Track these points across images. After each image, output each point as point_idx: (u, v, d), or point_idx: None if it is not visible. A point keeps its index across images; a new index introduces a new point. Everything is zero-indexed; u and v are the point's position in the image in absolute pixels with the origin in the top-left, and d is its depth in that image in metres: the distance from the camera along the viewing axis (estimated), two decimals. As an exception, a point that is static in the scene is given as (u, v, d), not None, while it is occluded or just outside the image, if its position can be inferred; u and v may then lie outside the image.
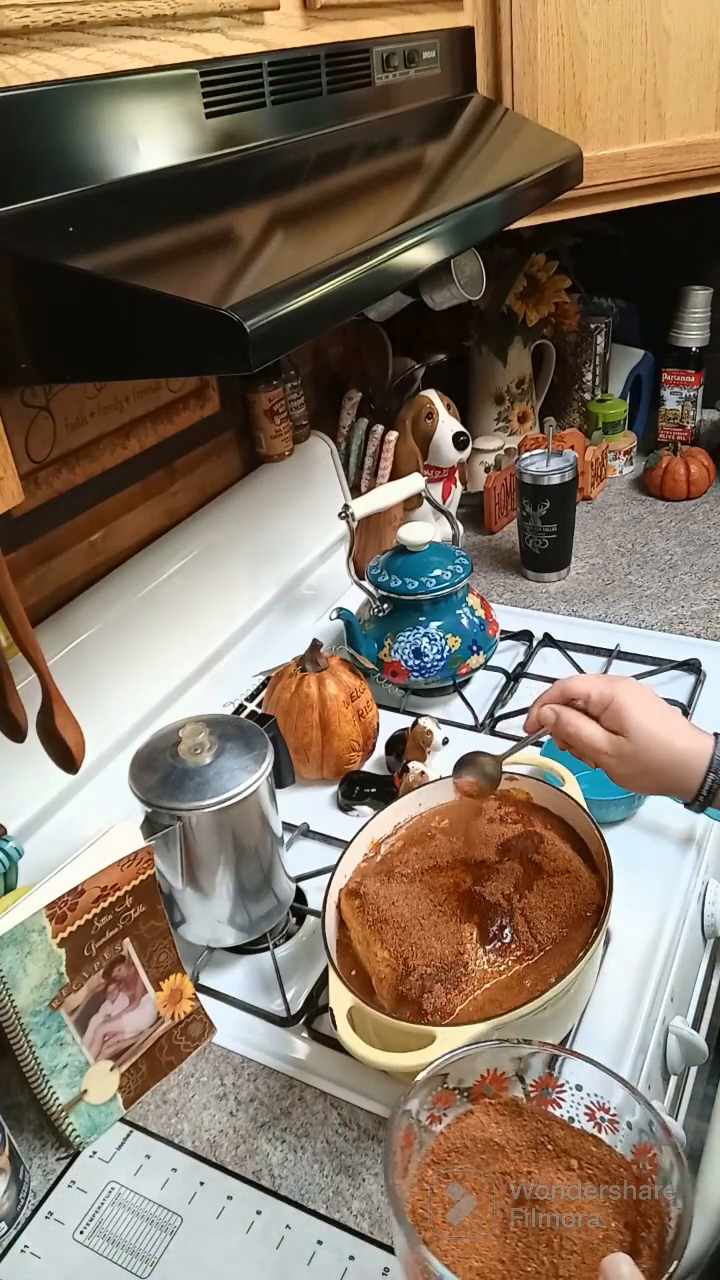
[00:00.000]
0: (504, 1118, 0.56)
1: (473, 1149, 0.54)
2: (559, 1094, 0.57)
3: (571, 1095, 0.57)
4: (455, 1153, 0.54)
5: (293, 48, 0.77)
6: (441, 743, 1.02)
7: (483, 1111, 0.56)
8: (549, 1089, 0.57)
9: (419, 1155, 0.54)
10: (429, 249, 0.72)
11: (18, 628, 0.71)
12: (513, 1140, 0.55)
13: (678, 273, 1.62)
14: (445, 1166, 0.54)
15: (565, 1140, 0.54)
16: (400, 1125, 0.52)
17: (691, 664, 1.19)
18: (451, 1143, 0.55)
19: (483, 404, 1.66)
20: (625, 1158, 0.53)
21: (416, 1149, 0.54)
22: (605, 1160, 0.53)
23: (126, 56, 0.62)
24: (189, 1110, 0.79)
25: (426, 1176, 0.53)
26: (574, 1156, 0.54)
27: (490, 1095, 0.57)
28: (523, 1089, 0.58)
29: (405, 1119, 0.53)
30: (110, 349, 0.57)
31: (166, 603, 1.11)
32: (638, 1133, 0.53)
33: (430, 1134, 0.55)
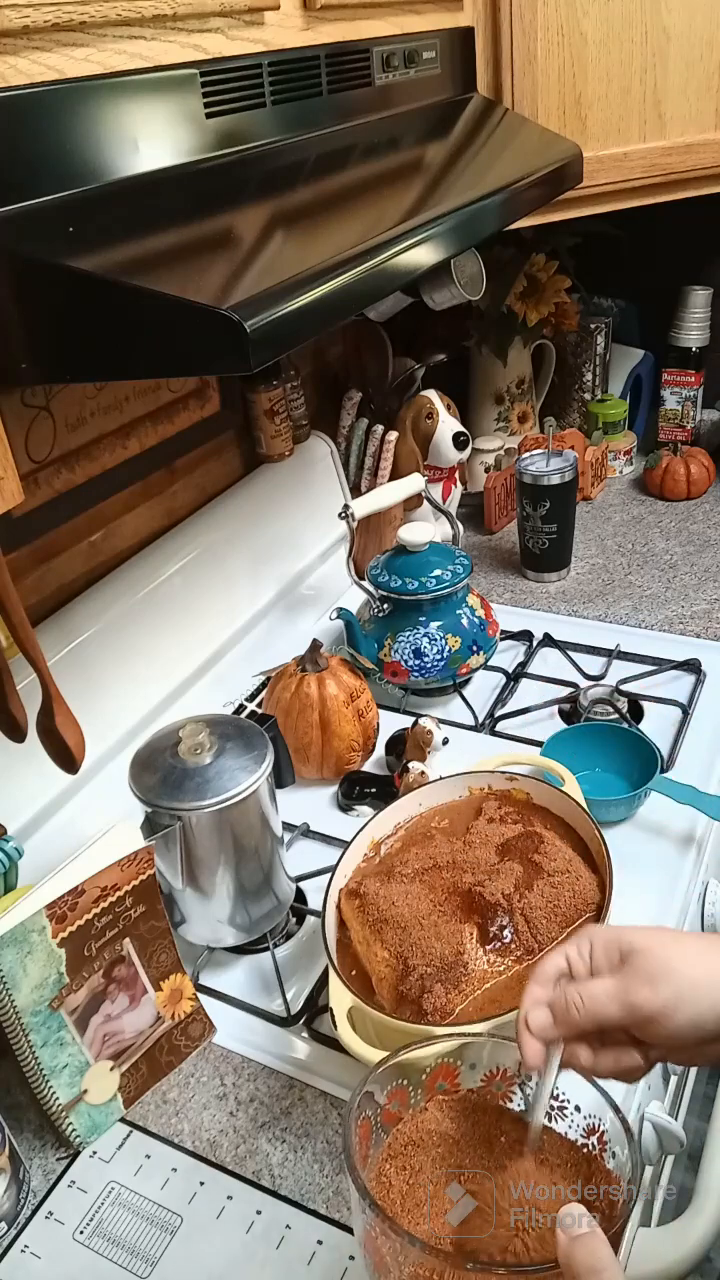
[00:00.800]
0: (457, 1113, 0.57)
1: (428, 1143, 0.55)
2: (509, 1086, 0.57)
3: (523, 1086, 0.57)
4: (412, 1146, 0.55)
5: (293, 48, 0.77)
6: (441, 743, 1.02)
7: (436, 1108, 0.57)
8: (499, 1082, 0.58)
9: (376, 1151, 0.55)
10: (429, 249, 0.72)
11: (18, 628, 0.71)
12: (467, 1134, 0.56)
13: (678, 273, 1.62)
14: (403, 1159, 0.54)
15: (516, 1132, 0.55)
16: (358, 1117, 0.53)
17: (691, 664, 1.19)
18: (408, 1137, 0.56)
19: (483, 404, 1.66)
20: (576, 1141, 0.54)
21: (374, 1145, 0.55)
22: (557, 1146, 0.54)
23: (126, 56, 0.62)
24: (189, 1110, 0.79)
25: (384, 1170, 0.54)
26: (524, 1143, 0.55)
27: (443, 1092, 0.58)
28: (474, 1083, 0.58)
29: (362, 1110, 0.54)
30: (110, 349, 0.57)
31: (166, 603, 1.11)
32: (585, 1115, 0.54)
33: (386, 1131, 0.56)
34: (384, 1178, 0.53)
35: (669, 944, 0.52)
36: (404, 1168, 0.54)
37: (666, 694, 1.16)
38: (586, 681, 1.19)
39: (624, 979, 0.52)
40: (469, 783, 0.90)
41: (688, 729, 1.10)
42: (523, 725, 1.14)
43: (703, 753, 1.07)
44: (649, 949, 0.52)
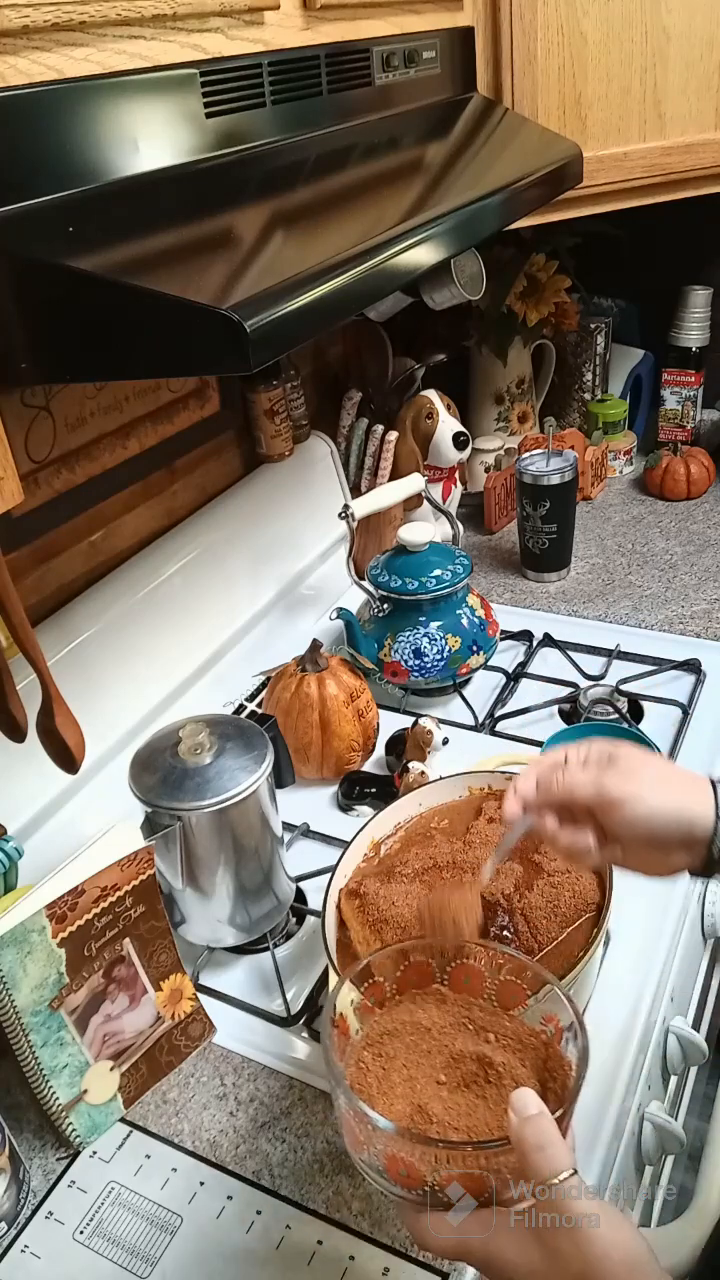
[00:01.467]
0: (429, 1003, 0.63)
1: (403, 1031, 0.61)
2: (478, 981, 0.64)
3: (490, 979, 0.63)
4: (387, 1035, 0.60)
5: (293, 48, 0.77)
6: (441, 743, 1.02)
7: (409, 1000, 0.63)
8: (466, 978, 0.64)
9: (355, 1041, 0.60)
10: (429, 249, 0.72)
11: (18, 628, 0.71)
12: (438, 1022, 0.61)
13: (678, 273, 1.62)
14: (379, 1047, 0.60)
15: (484, 1019, 0.61)
16: (333, 1010, 0.59)
17: (691, 664, 1.19)
18: (384, 1026, 0.61)
19: (483, 404, 1.66)
20: (534, 1027, 0.59)
21: (353, 1036, 0.60)
22: (518, 1032, 0.59)
23: (126, 56, 0.62)
24: (189, 1110, 0.79)
25: (362, 1057, 0.59)
26: (491, 1031, 0.60)
27: (415, 986, 0.64)
28: (442, 979, 0.64)
29: (338, 1005, 0.60)
30: (110, 349, 0.57)
31: (166, 603, 1.11)
32: (544, 1002, 0.60)
33: (364, 1022, 0.61)
34: (362, 1063, 0.58)
35: (645, 758, 0.63)
36: (380, 1054, 0.59)
37: (666, 694, 1.16)
38: (586, 681, 1.19)
39: (603, 770, 0.62)
40: (469, 783, 0.90)
41: (688, 729, 1.10)
42: (523, 725, 1.14)
43: (703, 753, 1.07)
44: (631, 754, 0.62)
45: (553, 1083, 0.56)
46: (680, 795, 0.60)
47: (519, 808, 0.64)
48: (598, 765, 0.62)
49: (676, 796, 0.60)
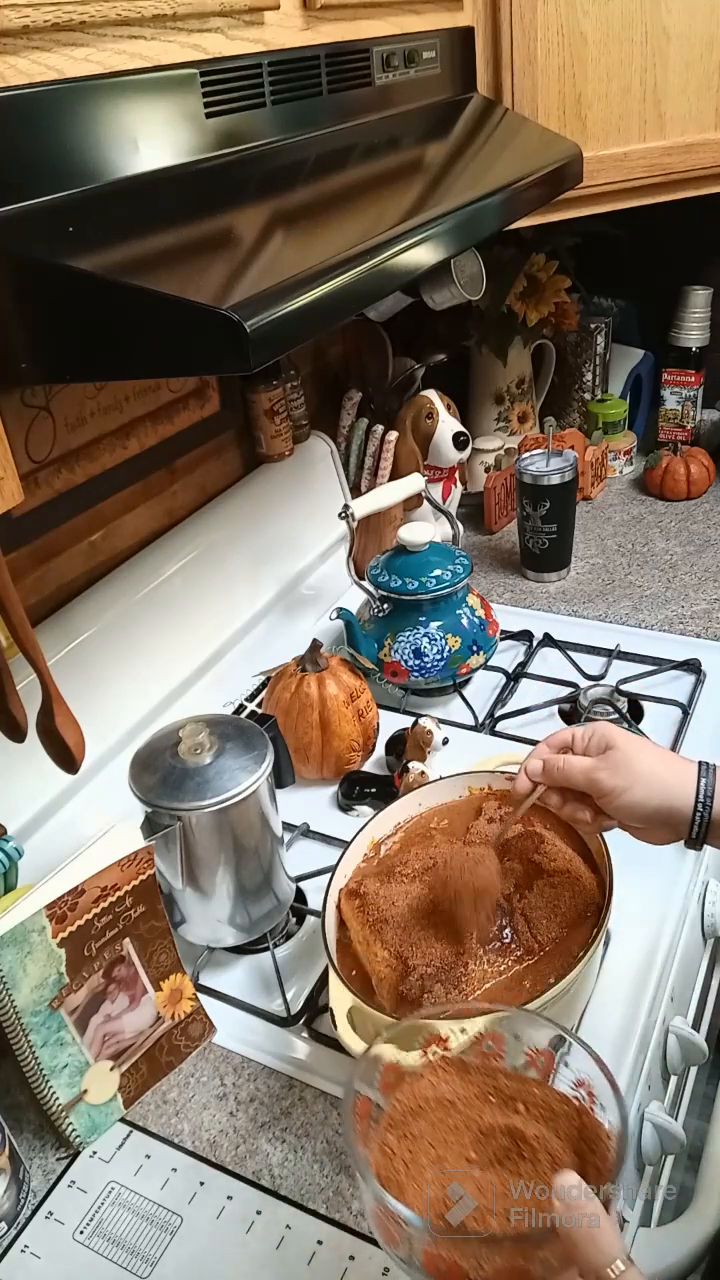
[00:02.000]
0: (451, 1075, 0.59)
1: (426, 1108, 0.57)
2: (500, 1046, 0.60)
3: (512, 1045, 0.60)
4: (410, 1114, 0.57)
5: (293, 48, 0.77)
6: (441, 743, 1.02)
7: (431, 1074, 0.60)
8: (490, 1043, 0.61)
9: (377, 1125, 0.57)
10: (429, 249, 0.72)
11: (18, 628, 0.71)
12: (462, 1095, 0.58)
13: (678, 273, 1.62)
14: (403, 1129, 0.56)
15: (511, 1087, 0.58)
16: (353, 1097, 0.55)
17: (691, 664, 1.19)
18: (406, 1106, 0.58)
19: (483, 404, 1.66)
20: (566, 1094, 0.56)
21: (374, 1119, 0.57)
22: (548, 1099, 0.56)
23: (126, 56, 0.62)
24: (189, 1110, 0.79)
25: (386, 1141, 0.56)
26: (520, 1100, 0.57)
27: (436, 1058, 0.60)
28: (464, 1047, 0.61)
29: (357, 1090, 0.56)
30: (110, 349, 0.57)
31: (166, 603, 1.11)
32: (574, 1069, 0.57)
33: (386, 1101, 0.58)
34: (386, 1148, 0.55)
35: (639, 750, 0.70)
36: (405, 1135, 0.56)
37: (666, 694, 1.15)
38: (586, 681, 1.19)
39: (598, 762, 0.70)
40: (469, 783, 0.90)
41: (688, 729, 1.10)
42: (523, 725, 1.14)
43: (703, 753, 1.06)
44: (623, 748, 0.70)
45: (592, 1155, 0.53)
46: (664, 789, 0.68)
47: (528, 784, 0.74)
48: (596, 753, 0.71)
49: (660, 790, 0.68)
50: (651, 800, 0.68)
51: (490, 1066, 0.59)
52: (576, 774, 0.71)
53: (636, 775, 0.69)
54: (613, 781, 0.69)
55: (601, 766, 0.70)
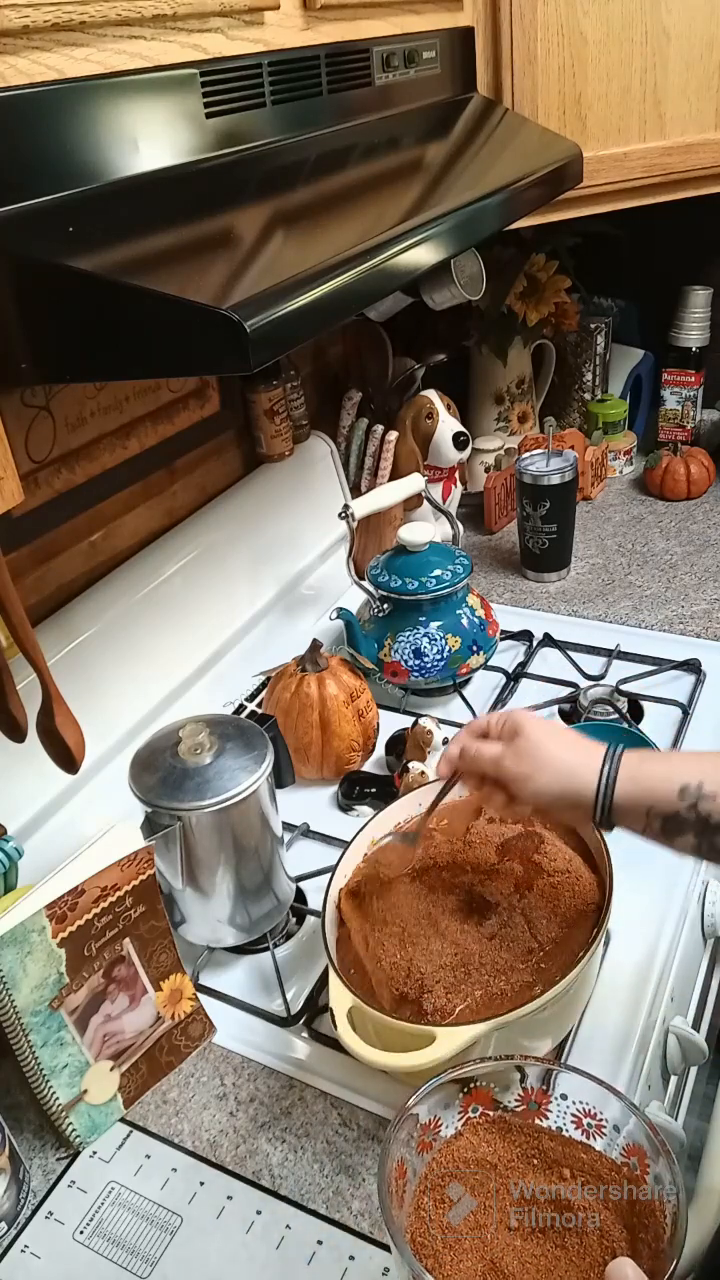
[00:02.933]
0: (493, 1135, 0.56)
1: (465, 1171, 0.55)
2: (545, 1105, 0.57)
3: (557, 1105, 0.57)
4: (448, 1176, 0.54)
5: (293, 48, 0.77)
6: (441, 743, 1.02)
7: (471, 1132, 0.57)
8: (535, 1101, 0.57)
9: (413, 1184, 0.54)
10: (429, 249, 0.72)
11: (18, 628, 0.71)
12: (504, 1157, 0.55)
13: (678, 273, 1.61)
14: (440, 1191, 0.54)
15: (555, 1150, 0.55)
16: (392, 1156, 0.52)
17: (691, 664, 1.19)
18: (444, 1167, 0.55)
19: (483, 404, 1.66)
20: (615, 1161, 0.53)
21: (410, 1177, 0.54)
22: (595, 1165, 0.53)
23: (126, 56, 0.62)
24: (189, 1110, 0.79)
25: (422, 1204, 0.53)
26: (565, 1166, 0.54)
27: (476, 1115, 0.57)
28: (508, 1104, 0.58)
29: (395, 1150, 0.53)
30: (110, 349, 0.57)
31: (166, 603, 1.11)
32: (625, 1135, 0.53)
33: (421, 1161, 0.55)
34: (422, 1211, 0.53)
35: (545, 737, 0.72)
36: (442, 1200, 0.53)
37: (666, 694, 1.15)
38: (586, 681, 1.19)
39: (505, 749, 0.72)
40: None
41: (688, 729, 1.10)
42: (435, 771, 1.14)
43: (703, 753, 1.07)
44: (529, 736, 0.71)
45: (644, 1232, 0.49)
46: (568, 774, 0.70)
47: (447, 770, 0.77)
48: (506, 740, 0.73)
49: (564, 776, 0.70)
50: (555, 786, 0.70)
51: (534, 1126, 0.56)
52: (485, 761, 0.73)
53: (541, 762, 0.71)
54: (517, 768, 0.71)
55: (508, 754, 0.72)
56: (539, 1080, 0.58)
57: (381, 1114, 0.76)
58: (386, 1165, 0.52)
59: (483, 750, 0.74)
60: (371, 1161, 0.73)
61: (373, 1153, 0.74)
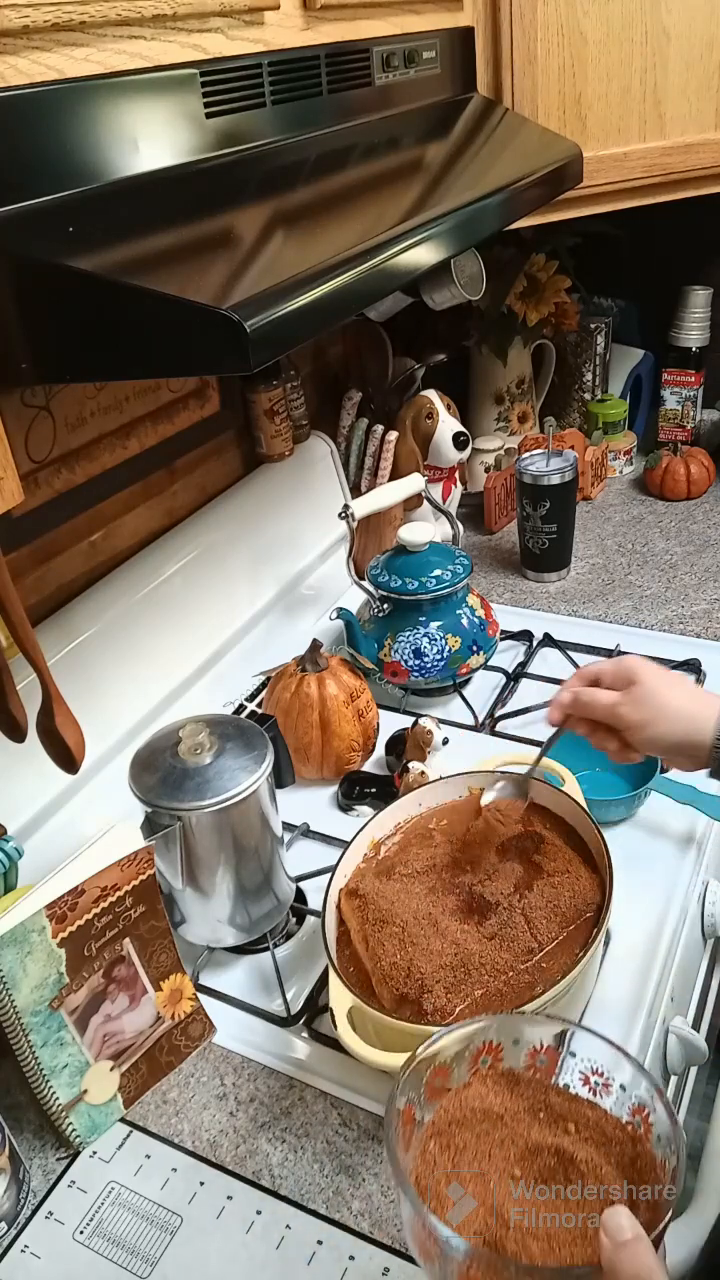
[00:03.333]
0: (501, 1088, 0.57)
1: (472, 1119, 0.56)
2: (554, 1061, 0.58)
3: (567, 1062, 0.57)
4: (455, 1124, 0.55)
5: (293, 48, 0.77)
6: (441, 743, 1.02)
7: (480, 1083, 0.57)
8: (544, 1057, 0.58)
9: (420, 1130, 0.55)
10: (429, 249, 0.72)
11: (18, 628, 0.71)
12: (510, 1108, 0.56)
13: (678, 273, 1.61)
14: (446, 1137, 0.55)
15: (561, 1106, 0.56)
16: (400, 1101, 0.54)
17: (691, 664, 1.19)
18: (451, 1115, 0.56)
19: (483, 404, 1.66)
20: (620, 1120, 0.54)
21: (417, 1125, 0.55)
22: (601, 1123, 0.54)
23: (126, 56, 0.62)
24: (189, 1110, 0.79)
25: (429, 1149, 0.54)
26: (571, 1121, 0.55)
27: (486, 1067, 0.58)
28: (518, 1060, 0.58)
29: (404, 1095, 0.54)
30: (110, 349, 0.57)
31: (166, 603, 1.11)
32: (631, 1094, 0.54)
33: (430, 1109, 0.56)
34: (428, 1156, 0.54)
35: (664, 685, 0.73)
36: (448, 1146, 0.54)
37: (666, 694, 1.15)
38: (586, 681, 1.19)
39: (622, 697, 0.73)
40: (469, 783, 0.90)
41: (688, 729, 1.10)
42: (523, 725, 1.14)
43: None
44: (647, 684, 0.73)
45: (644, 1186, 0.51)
46: (688, 722, 0.71)
47: (559, 716, 0.77)
48: (621, 688, 0.74)
49: (683, 724, 0.71)
50: (674, 734, 0.71)
51: (542, 1082, 0.57)
52: (601, 708, 0.74)
53: (659, 709, 0.72)
54: (635, 716, 0.72)
55: (625, 701, 0.73)
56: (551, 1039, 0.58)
57: (381, 1114, 0.76)
58: (394, 1106, 0.53)
59: (598, 696, 0.74)
60: (373, 1161, 0.73)
61: (373, 1153, 0.74)
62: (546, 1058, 0.58)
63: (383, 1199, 0.71)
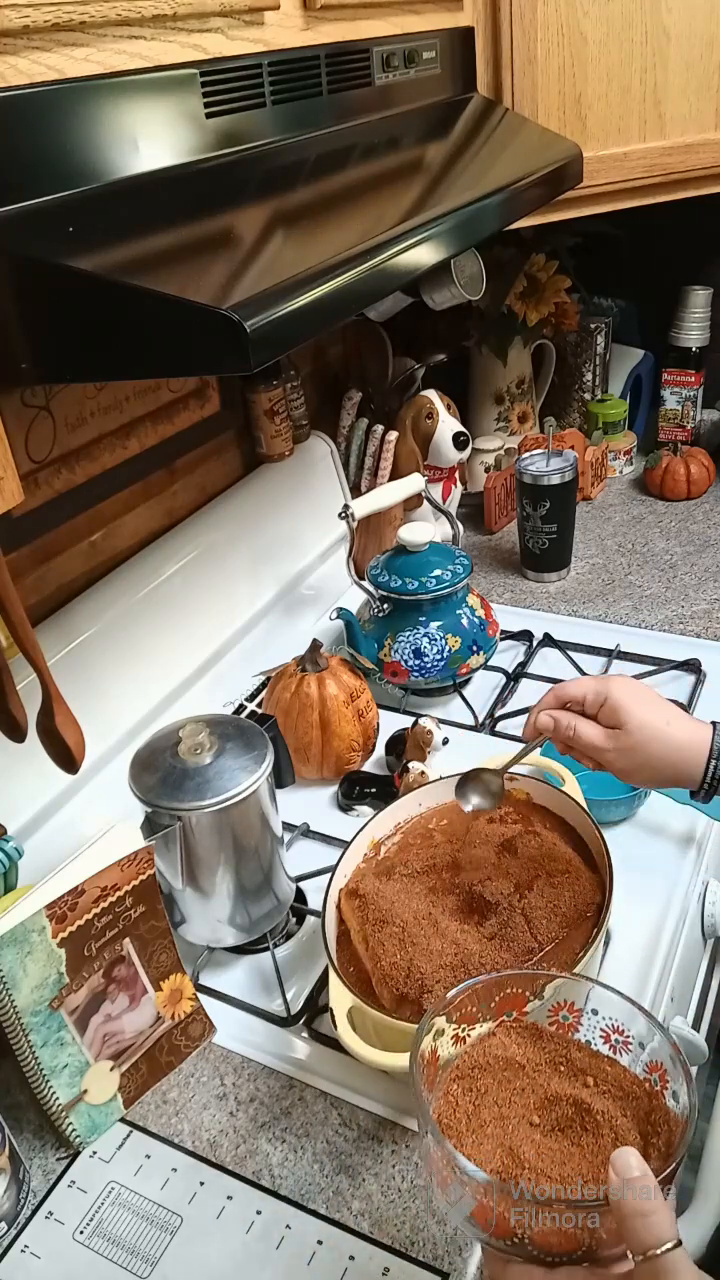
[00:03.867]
0: (524, 1039, 0.60)
1: (495, 1066, 0.58)
2: (576, 1018, 0.60)
3: (588, 1019, 0.60)
4: (478, 1069, 0.58)
5: (293, 48, 0.77)
6: (441, 743, 1.02)
7: (504, 1033, 0.60)
8: (566, 1013, 0.60)
9: (444, 1072, 0.57)
10: (429, 249, 0.72)
11: (18, 628, 0.71)
12: (532, 1059, 0.58)
13: (678, 273, 1.62)
14: (469, 1081, 0.57)
15: (582, 1060, 0.58)
16: (426, 1040, 0.56)
17: (691, 664, 1.19)
18: (474, 1060, 0.58)
19: (483, 404, 1.66)
20: (638, 1076, 0.56)
21: (442, 1067, 0.58)
22: (620, 1079, 0.56)
23: (126, 56, 0.62)
24: (189, 1110, 0.79)
25: (451, 1090, 0.56)
26: (590, 1075, 0.57)
27: (511, 1019, 0.60)
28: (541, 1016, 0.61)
29: (431, 1033, 0.57)
30: (110, 349, 0.57)
31: (166, 603, 1.11)
32: (649, 1052, 0.57)
33: (455, 1052, 0.58)
34: (450, 1097, 0.56)
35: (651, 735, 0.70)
36: (470, 1089, 0.56)
37: (667, 694, 1.14)
38: (586, 681, 1.19)
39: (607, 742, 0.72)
40: (469, 783, 0.90)
41: (688, 729, 1.10)
42: (522, 725, 1.14)
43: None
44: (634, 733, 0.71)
45: (655, 1138, 0.53)
46: (671, 770, 0.71)
47: (534, 734, 0.77)
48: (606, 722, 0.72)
49: (668, 772, 0.71)
50: (660, 779, 0.72)
51: (564, 1037, 0.60)
52: (585, 746, 0.73)
53: (646, 760, 0.71)
54: (621, 764, 0.72)
55: (609, 748, 0.72)
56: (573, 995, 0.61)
57: (381, 1114, 0.76)
58: (419, 1046, 0.55)
59: (581, 732, 0.73)
60: (373, 1161, 0.73)
61: (373, 1153, 0.74)
62: (570, 1014, 0.60)
63: (383, 1199, 0.71)
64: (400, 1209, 0.70)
